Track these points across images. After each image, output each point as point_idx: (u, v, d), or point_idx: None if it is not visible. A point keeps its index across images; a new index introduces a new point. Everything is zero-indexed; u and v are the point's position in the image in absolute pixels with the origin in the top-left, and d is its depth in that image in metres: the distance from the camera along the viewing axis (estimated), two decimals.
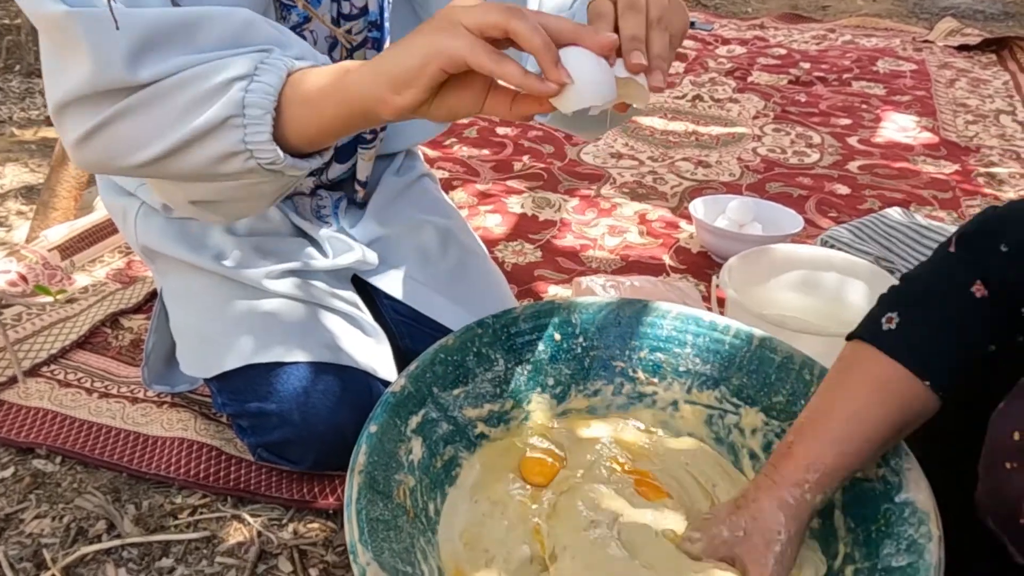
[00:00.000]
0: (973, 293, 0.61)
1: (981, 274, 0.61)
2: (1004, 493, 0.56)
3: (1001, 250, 0.60)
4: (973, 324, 0.61)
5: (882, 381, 0.62)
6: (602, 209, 1.64)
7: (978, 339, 0.61)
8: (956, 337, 0.61)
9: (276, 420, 0.87)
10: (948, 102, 2.31)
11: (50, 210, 1.42)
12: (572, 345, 0.89)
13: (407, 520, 0.68)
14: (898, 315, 0.63)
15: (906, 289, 0.65)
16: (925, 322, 0.62)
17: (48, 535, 0.87)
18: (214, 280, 0.93)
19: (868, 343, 0.63)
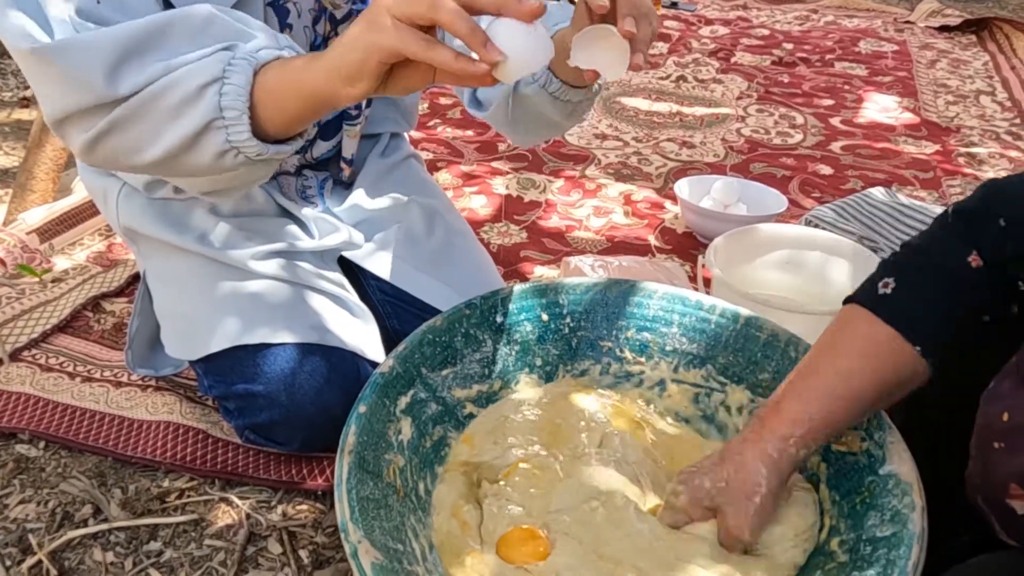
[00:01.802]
0: (969, 263, 0.61)
1: (977, 245, 0.61)
2: (993, 473, 0.56)
3: (999, 224, 0.60)
4: (968, 293, 0.62)
5: (873, 342, 0.62)
6: (587, 190, 1.64)
7: (972, 308, 0.62)
8: (950, 305, 0.62)
9: (263, 402, 0.87)
10: (929, 83, 2.33)
11: (28, 192, 1.39)
12: (560, 326, 0.89)
13: (397, 499, 0.68)
14: (895, 280, 0.63)
15: (905, 256, 0.66)
16: (920, 288, 0.63)
17: (33, 520, 0.86)
18: (198, 261, 0.92)
19: (863, 306, 0.64)
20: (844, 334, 0.65)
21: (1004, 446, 0.56)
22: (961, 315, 0.62)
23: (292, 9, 0.84)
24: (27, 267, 1.24)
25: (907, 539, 0.58)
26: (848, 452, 0.70)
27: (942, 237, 0.64)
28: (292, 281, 0.92)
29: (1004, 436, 0.56)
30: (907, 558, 0.57)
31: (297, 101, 0.64)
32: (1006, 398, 0.57)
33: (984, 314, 0.62)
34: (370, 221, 1.03)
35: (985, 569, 0.54)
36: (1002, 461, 0.56)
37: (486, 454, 0.78)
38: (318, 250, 0.96)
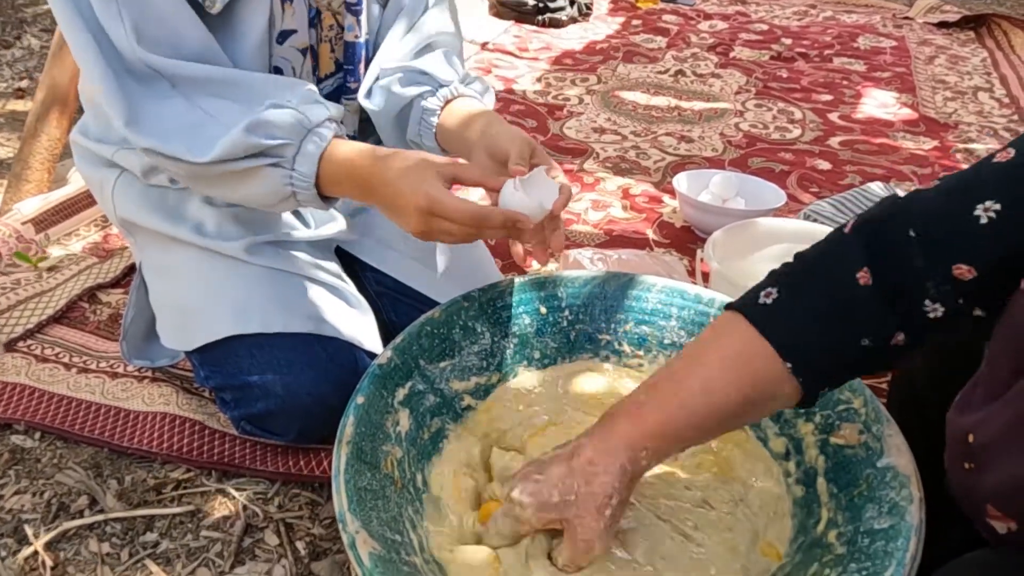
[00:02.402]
0: (857, 280, 0.57)
1: (871, 261, 0.58)
2: (968, 493, 0.56)
3: (908, 234, 0.56)
4: (849, 311, 0.58)
5: (743, 354, 0.59)
6: (585, 184, 1.63)
7: (850, 328, 0.58)
8: (829, 323, 0.58)
9: (259, 392, 0.87)
10: (927, 79, 2.33)
11: (23, 182, 1.38)
12: (558, 319, 0.89)
13: (395, 490, 0.68)
14: (777, 291, 0.60)
15: (793, 267, 0.62)
16: (801, 301, 0.59)
17: (29, 511, 0.86)
18: (194, 252, 0.91)
19: (741, 313, 0.60)
20: (716, 342, 0.62)
21: (974, 467, 0.55)
22: (839, 336, 0.58)
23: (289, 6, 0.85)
24: (23, 255, 1.24)
25: (905, 531, 0.58)
26: (846, 445, 0.70)
27: (835, 250, 0.60)
28: (288, 271, 0.91)
29: (972, 457, 0.55)
30: (905, 550, 0.57)
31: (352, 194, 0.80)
32: (970, 415, 0.56)
33: (864, 338, 0.58)
34: (367, 212, 1.02)
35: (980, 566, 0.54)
36: (974, 482, 0.55)
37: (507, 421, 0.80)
38: (315, 240, 0.96)
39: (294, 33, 0.87)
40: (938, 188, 0.58)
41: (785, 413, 0.78)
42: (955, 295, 0.55)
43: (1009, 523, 0.52)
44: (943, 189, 0.57)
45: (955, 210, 0.54)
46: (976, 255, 0.54)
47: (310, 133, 0.76)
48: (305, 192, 0.78)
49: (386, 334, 0.98)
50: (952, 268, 0.55)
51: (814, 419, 0.75)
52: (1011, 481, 0.51)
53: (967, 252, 0.54)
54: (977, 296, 0.55)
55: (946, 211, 0.55)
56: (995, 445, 0.53)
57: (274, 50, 0.85)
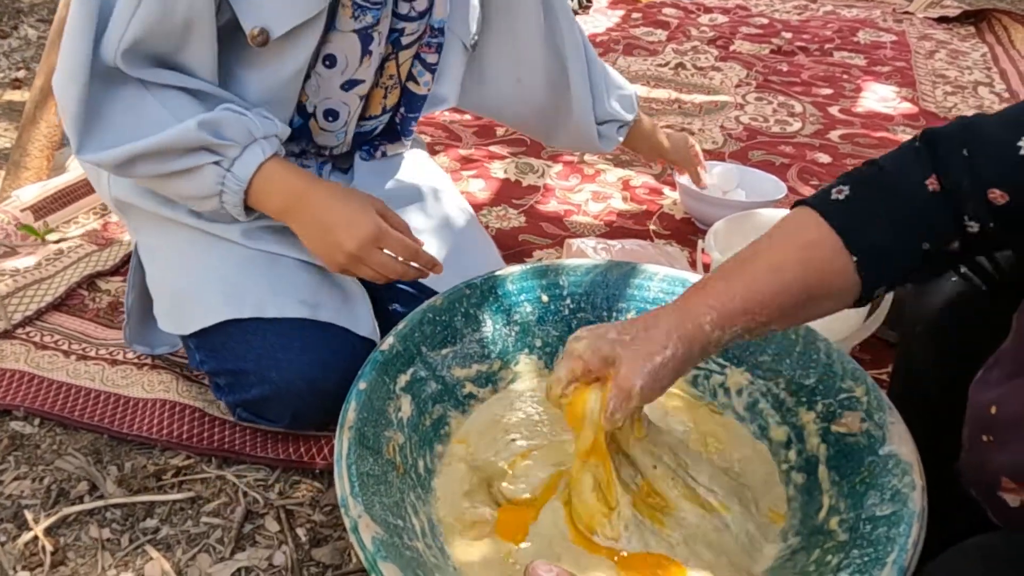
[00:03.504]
0: (926, 186, 0.60)
1: (938, 170, 0.60)
2: (984, 466, 0.56)
3: (963, 154, 0.59)
4: (918, 216, 0.60)
5: (811, 243, 0.61)
6: (585, 175, 1.63)
7: (917, 231, 0.60)
8: (897, 224, 0.60)
9: (253, 378, 0.86)
10: (927, 73, 2.33)
11: (22, 170, 1.38)
12: (560, 307, 0.89)
13: (397, 475, 0.68)
14: (849, 188, 0.62)
15: (865, 169, 0.64)
16: (872, 201, 0.61)
17: (29, 496, 0.86)
18: (189, 234, 0.91)
19: (813, 208, 0.62)
20: (786, 229, 0.63)
21: (993, 439, 0.55)
22: (905, 237, 0.60)
23: (375, 36, 0.87)
24: (30, 227, 1.24)
25: (907, 517, 0.58)
26: (848, 433, 0.70)
27: (905, 157, 0.62)
28: (284, 255, 0.91)
29: (992, 429, 0.55)
30: (907, 536, 0.57)
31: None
32: (993, 390, 0.56)
33: (925, 241, 0.60)
34: None
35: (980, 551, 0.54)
36: (992, 454, 0.55)
37: (485, 452, 0.77)
38: None
39: (361, 83, 0.91)
40: (1003, 114, 0.60)
41: (787, 402, 0.78)
42: (988, 218, 0.58)
43: (1023, 495, 0.52)
44: (998, 120, 0.59)
45: (1003, 138, 0.57)
46: (1012, 184, 0.56)
47: (255, 142, 0.80)
48: (232, 196, 0.81)
49: (388, 323, 0.98)
50: (987, 191, 0.57)
51: (816, 408, 0.75)
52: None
53: (1005, 180, 0.56)
54: (1005, 222, 0.58)
55: (995, 138, 0.57)
56: (1017, 419, 0.53)
57: (336, 94, 0.90)
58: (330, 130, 0.93)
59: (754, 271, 0.61)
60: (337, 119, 0.93)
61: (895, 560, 0.56)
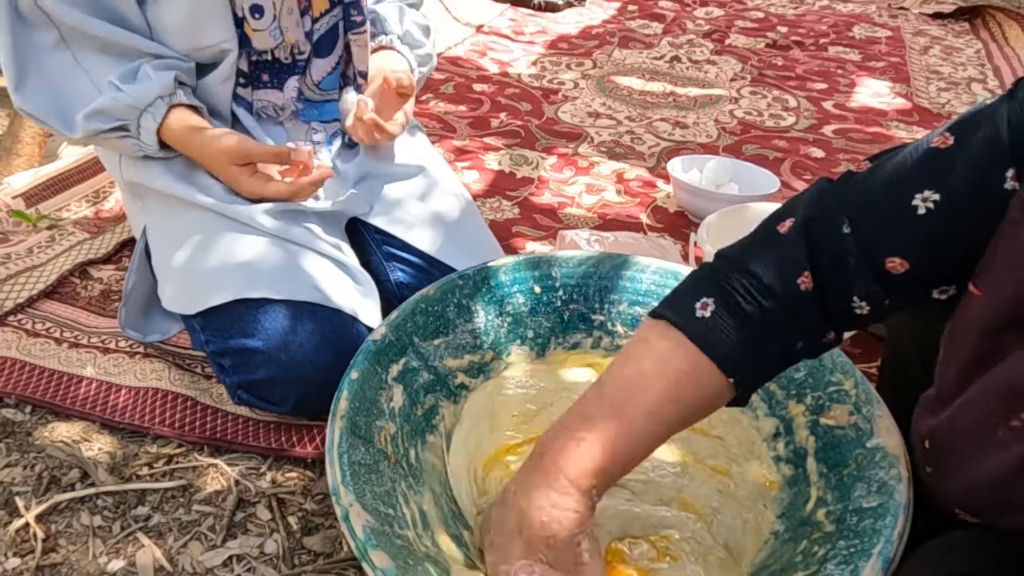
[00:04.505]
0: (799, 285, 0.56)
1: (812, 263, 0.56)
2: (935, 496, 0.57)
3: (843, 232, 0.55)
4: (791, 320, 0.57)
5: (684, 373, 0.57)
6: (579, 167, 1.63)
7: (790, 336, 0.58)
8: (768, 334, 0.57)
9: (260, 358, 0.86)
10: (921, 69, 2.33)
11: (13, 156, 1.37)
12: (552, 298, 0.89)
13: (388, 465, 0.69)
14: (714, 302, 0.58)
15: (724, 271, 0.59)
16: (740, 314, 0.57)
17: (20, 484, 0.86)
18: (204, 215, 0.92)
19: (677, 327, 0.58)
20: (654, 360, 0.58)
21: (933, 471, 0.56)
22: (781, 345, 0.58)
23: None
24: (22, 213, 1.23)
25: (893, 509, 0.59)
26: (836, 426, 0.71)
27: (771, 253, 0.58)
28: (296, 242, 0.92)
29: (931, 462, 0.56)
30: (893, 527, 0.58)
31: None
32: (927, 421, 0.56)
33: (799, 341, 0.58)
34: (376, 182, 1.04)
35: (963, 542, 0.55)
36: (937, 485, 0.56)
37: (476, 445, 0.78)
38: (325, 212, 0.97)
39: None
40: (875, 175, 0.56)
41: (776, 394, 0.79)
42: (882, 294, 0.55)
43: (977, 520, 0.53)
44: (881, 177, 0.55)
45: (893, 201, 0.53)
46: (911, 248, 0.53)
47: (144, 112, 0.89)
48: (155, 152, 0.92)
49: (391, 296, 0.99)
50: (886, 261, 0.53)
51: (805, 400, 0.76)
52: (969, 488, 0.52)
53: (902, 245, 0.53)
54: (902, 291, 0.55)
55: (883, 202, 0.54)
56: (949, 452, 0.53)
57: None
58: (261, 28, 0.91)
59: (631, 424, 0.57)
60: (263, 15, 0.92)
61: (881, 551, 0.56)
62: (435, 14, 2.42)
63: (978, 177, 0.51)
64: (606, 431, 0.57)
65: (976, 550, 0.53)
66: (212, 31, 0.90)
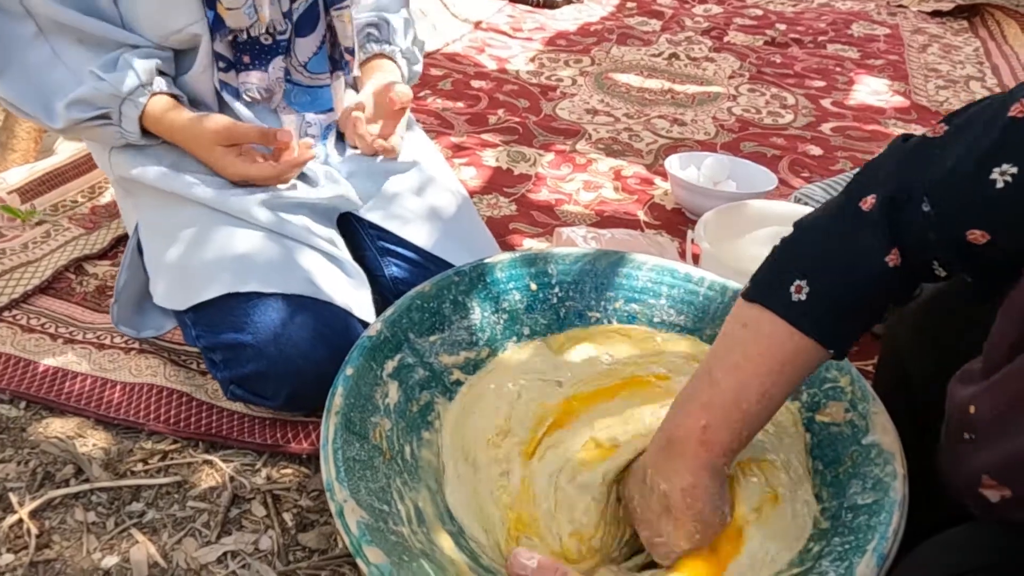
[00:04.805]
0: (887, 263, 0.58)
1: (897, 241, 0.58)
2: (963, 462, 0.56)
3: (923, 210, 0.56)
4: (883, 294, 0.60)
5: (791, 356, 0.60)
6: (577, 164, 1.63)
7: (882, 305, 0.61)
8: (865, 308, 0.60)
9: (251, 352, 0.86)
10: (920, 67, 2.33)
11: (8, 152, 1.36)
12: (548, 295, 0.89)
13: (383, 461, 0.68)
14: (808, 284, 0.60)
15: (814, 249, 0.62)
16: (836, 294, 0.60)
17: (14, 479, 0.86)
18: (196, 210, 0.92)
19: (775, 313, 0.60)
20: (760, 346, 0.61)
21: (974, 437, 0.55)
22: (872, 315, 0.61)
23: None
24: (11, 208, 1.23)
25: (888, 506, 0.59)
26: (832, 423, 0.71)
27: (861, 233, 0.59)
28: (288, 236, 0.92)
29: (971, 428, 0.55)
30: (888, 524, 0.58)
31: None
32: (972, 387, 0.56)
33: (887, 306, 0.61)
34: (371, 176, 1.03)
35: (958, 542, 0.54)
36: (972, 452, 0.55)
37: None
38: (317, 202, 0.96)
39: None
40: (952, 145, 0.57)
41: None
42: (960, 262, 0.57)
43: (1004, 491, 0.53)
44: (958, 149, 0.56)
45: (971, 175, 0.54)
46: (992, 221, 0.54)
47: (125, 101, 0.90)
48: (137, 140, 0.94)
49: (386, 292, 0.99)
50: (967, 234, 0.55)
51: (800, 397, 0.76)
52: (1010, 454, 0.52)
53: (983, 219, 0.54)
54: (983, 261, 0.56)
55: (962, 176, 0.55)
56: (995, 418, 0.53)
57: None
58: (234, 7, 0.90)
59: (749, 406, 0.61)
60: None
61: (875, 548, 0.56)
62: (433, 10, 2.42)
63: None
64: (729, 417, 0.62)
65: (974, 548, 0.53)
66: (180, 13, 0.90)
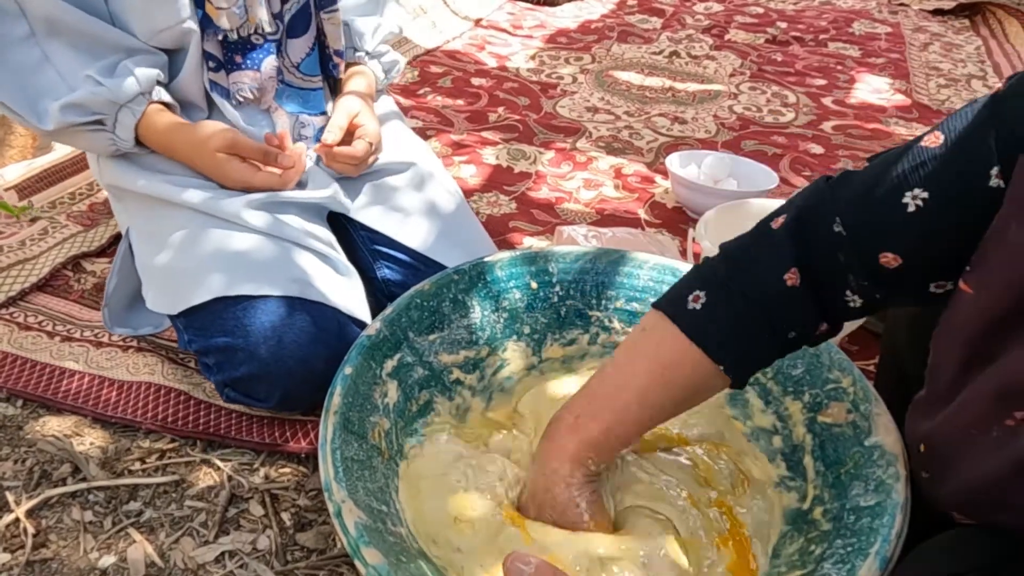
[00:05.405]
0: (785, 281, 0.58)
1: (799, 260, 0.58)
2: (932, 498, 0.57)
3: (834, 229, 0.56)
4: (779, 313, 0.59)
5: (673, 362, 0.61)
6: (578, 162, 1.62)
7: (779, 327, 0.60)
8: (757, 324, 0.60)
9: (243, 355, 0.86)
10: (921, 65, 2.32)
11: (6, 148, 1.36)
12: (548, 294, 0.89)
13: (382, 461, 0.68)
14: (705, 295, 0.61)
15: (719, 266, 0.62)
16: (729, 305, 0.60)
17: (10, 478, 0.85)
18: (185, 215, 0.91)
19: (669, 318, 0.62)
20: (648, 350, 0.63)
21: (930, 476, 0.56)
22: (769, 334, 0.60)
23: None
24: (4, 204, 1.22)
25: (891, 508, 0.59)
26: (834, 424, 0.71)
27: (764, 250, 0.60)
28: (279, 237, 0.91)
29: (927, 466, 0.56)
30: (890, 527, 0.57)
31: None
32: (922, 425, 0.56)
33: (791, 331, 0.60)
34: (360, 177, 1.03)
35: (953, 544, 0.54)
36: (934, 489, 0.56)
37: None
38: (307, 203, 0.96)
39: None
40: (868, 173, 0.57)
41: (773, 391, 0.78)
42: (875, 288, 0.56)
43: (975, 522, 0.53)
44: (870, 176, 0.56)
45: (884, 198, 0.54)
46: (903, 244, 0.54)
47: (123, 108, 0.89)
48: (127, 148, 0.93)
49: (379, 293, 0.98)
50: (879, 257, 0.55)
51: (802, 398, 0.75)
52: (966, 490, 0.51)
53: (894, 241, 0.54)
54: (898, 285, 0.56)
55: (875, 200, 0.55)
56: (946, 456, 0.53)
57: None
58: (224, 7, 0.90)
59: (624, 405, 0.63)
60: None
61: (878, 551, 0.56)
62: (433, 8, 2.41)
63: (964, 175, 0.52)
64: (602, 411, 0.64)
65: (973, 549, 0.53)
66: (170, 11, 0.89)
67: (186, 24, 0.90)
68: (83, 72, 0.87)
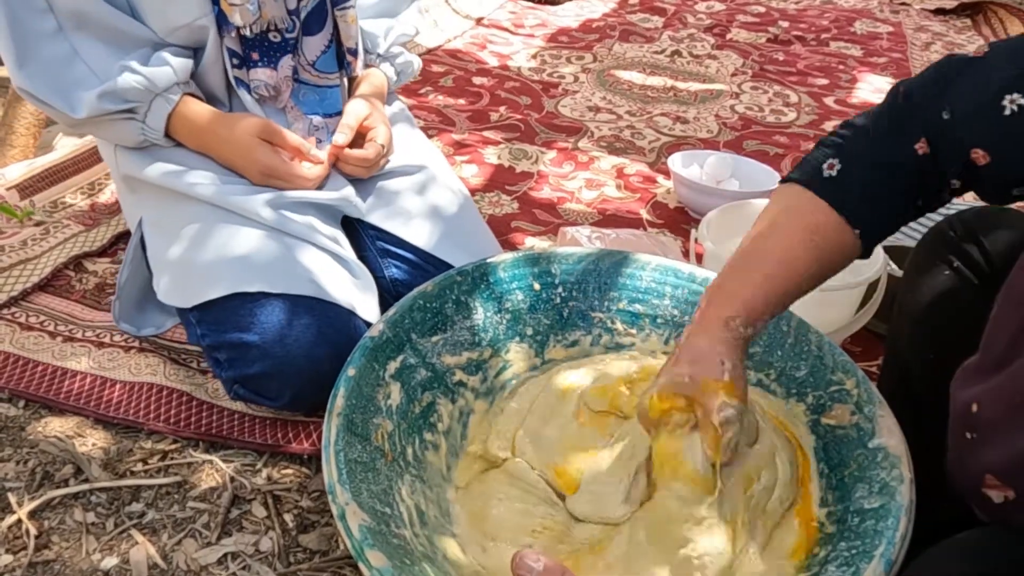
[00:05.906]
0: (916, 150, 0.60)
1: (927, 132, 0.60)
2: (967, 462, 0.56)
3: (943, 117, 0.59)
4: (910, 180, 0.61)
5: (815, 225, 0.62)
6: (579, 162, 1.62)
7: (912, 194, 0.62)
8: (892, 191, 0.62)
9: (256, 352, 0.86)
10: (923, 65, 2.32)
11: (7, 147, 1.36)
12: (551, 295, 0.88)
13: (385, 463, 0.68)
14: (840, 162, 0.63)
15: (851, 137, 0.64)
16: (865, 172, 0.62)
17: (12, 479, 0.85)
18: (201, 208, 0.92)
19: (807, 187, 0.63)
20: (788, 216, 0.64)
21: (976, 436, 0.55)
22: (903, 202, 0.62)
23: None
24: (7, 207, 1.22)
25: (895, 511, 0.58)
26: (838, 425, 0.71)
27: (891, 118, 0.62)
28: (294, 235, 0.91)
29: (975, 427, 0.56)
30: (895, 529, 0.57)
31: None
32: (974, 387, 0.56)
33: (919, 199, 0.63)
34: (371, 177, 1.03)
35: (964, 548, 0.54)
36: (975, 451, 0.55)
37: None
38: (321, 204, 0.96)
39: None
40: (982, 67, 0.59)
41: (777, 393, 0.78)
42: (968, 176, 0.59)
43: (1007, 492, 0.52)
44: (984, 70, 0.58)
45: (986, 96, 0.56)
46: (994, 143, 0.56)
47: (158, 96, 0.91)
48: (155, 139, 0.94)
49: (387, 294, 0.98)
50: (971, 152, 0.57)
51: (806, 399, 0.75)
52: (1013, 453, 0.51)
53: (987, 139, 0.57)
54: (984, 181, 0.59)
55: (978, 96, 0.57)
56: (998, 417, 0.53)
57: None
58: (237, 3, 0.90)
59: (768, 266, 0.63)
60: None
61: (883, 553, 0.56)
62: (435, 7, 2.41)
63: None
64: (747, 274, 0.64)
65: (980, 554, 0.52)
66: (185, 7, 0.89)
67: (201, 21, 0.90)
68: (114, 63, 0.88)
